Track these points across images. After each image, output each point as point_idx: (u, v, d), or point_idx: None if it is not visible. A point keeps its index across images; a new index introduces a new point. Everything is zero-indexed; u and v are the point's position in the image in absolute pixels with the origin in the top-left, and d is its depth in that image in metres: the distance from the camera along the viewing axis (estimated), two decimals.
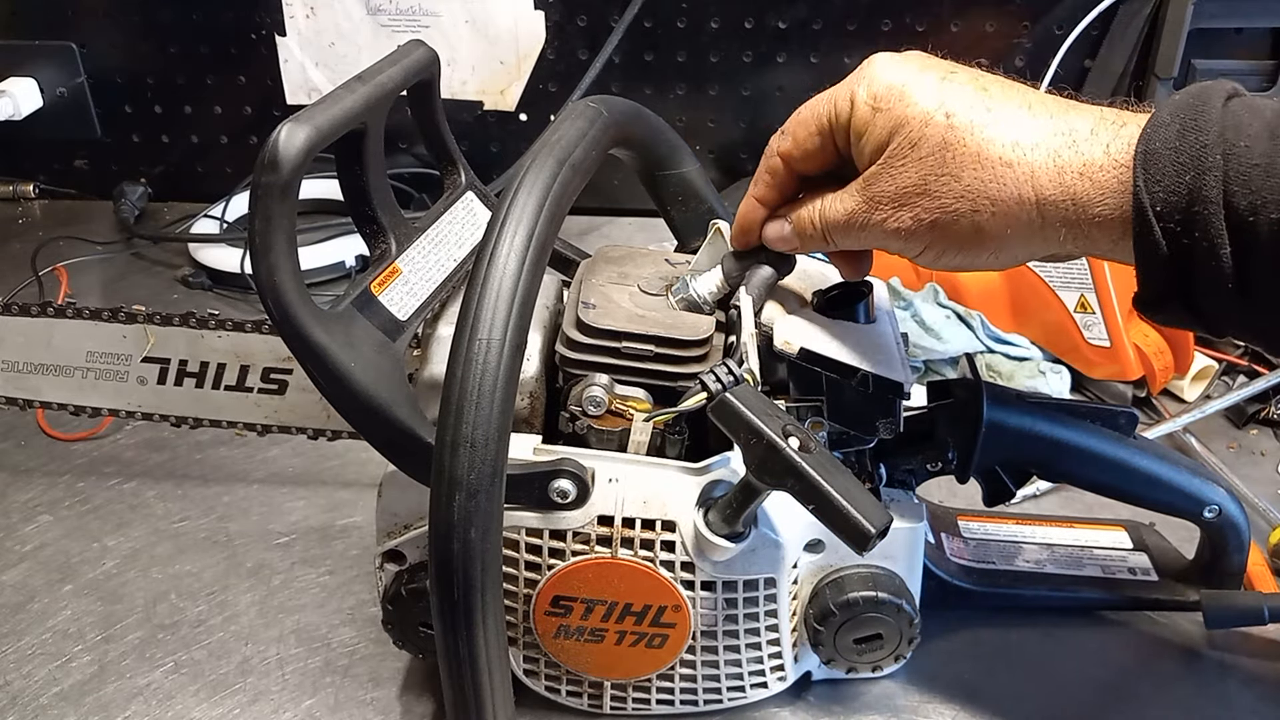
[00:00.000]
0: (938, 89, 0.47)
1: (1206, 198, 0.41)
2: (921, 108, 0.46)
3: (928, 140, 0.46)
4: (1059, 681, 0.62)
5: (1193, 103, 0.43)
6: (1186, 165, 0.41)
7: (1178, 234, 0.42)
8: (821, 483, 0.46)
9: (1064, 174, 0.44)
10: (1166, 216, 0.42)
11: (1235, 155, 0.41)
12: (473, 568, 0.43)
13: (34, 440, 0.85)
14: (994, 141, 0.45)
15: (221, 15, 1.18)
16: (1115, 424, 0.61)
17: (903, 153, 0.47)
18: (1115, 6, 1.05)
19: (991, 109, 0.46)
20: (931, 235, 0.47)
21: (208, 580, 0.71)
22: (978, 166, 0.45)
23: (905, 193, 0.47)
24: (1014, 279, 0.88)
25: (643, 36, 1.13)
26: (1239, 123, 0.41)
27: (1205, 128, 0.41)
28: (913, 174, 0.46)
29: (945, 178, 0.45)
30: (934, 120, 0.46)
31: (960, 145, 0.45)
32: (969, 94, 0.46)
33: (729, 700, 0.59)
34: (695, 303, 0.56)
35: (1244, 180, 0.40)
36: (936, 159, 0.46)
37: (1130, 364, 0.84)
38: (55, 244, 1.12)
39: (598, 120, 0.53)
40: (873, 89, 0.48)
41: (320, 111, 0.49)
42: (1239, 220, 0.40)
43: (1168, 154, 0.42)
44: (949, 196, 0.46)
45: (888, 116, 0.47)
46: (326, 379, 0.50)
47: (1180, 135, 0.42)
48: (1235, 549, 0.64)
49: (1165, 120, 0.42)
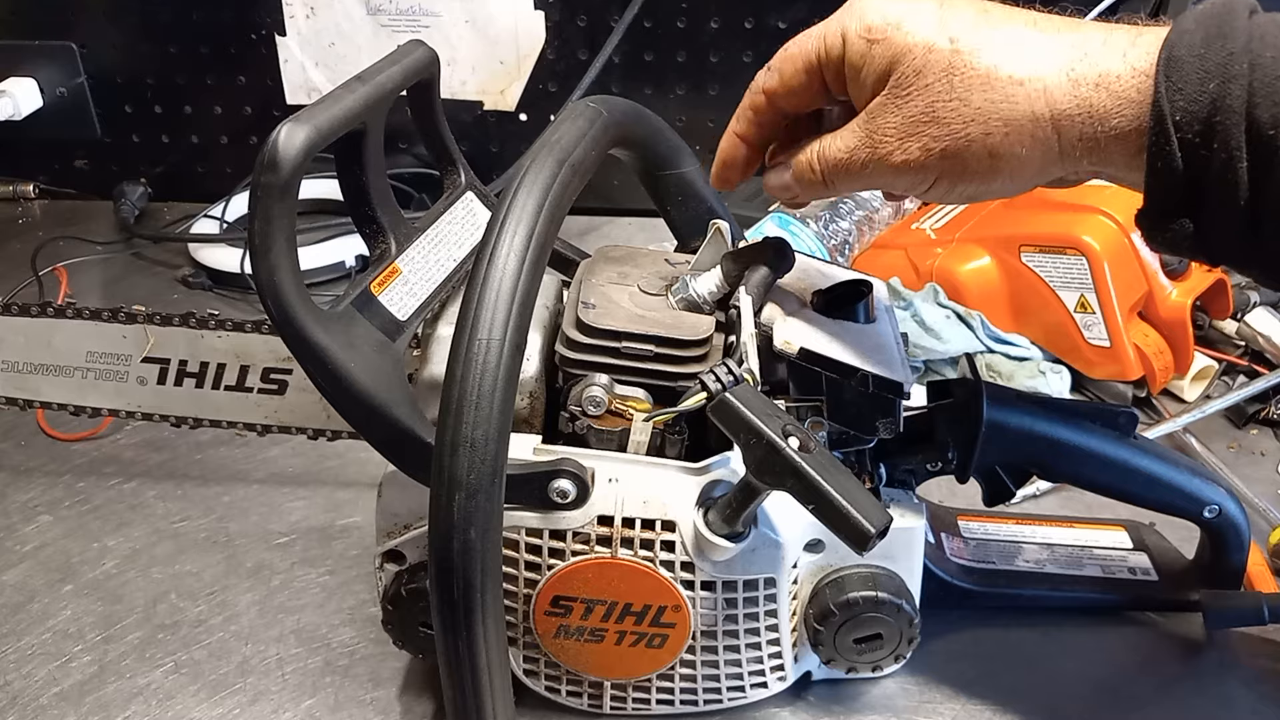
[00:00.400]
0: (936, 14, 0.45)
1: (1230, 107, 0.39)
2: (923, 34, 0.45)
3: (932, 66, 0.44)
4: (1059, 681, 0.62)
5: (1219, 12, 0.41)
6: (1212, 72, 0.40)
7: (1195, 145, 0.40)
8: (821, 483, 0.46)
9: (1079, 86, 0.42)
10: (1185, 126, 0.40)
11: (1261, 66, 0.39)
12: (473, 568, 0.43)
13: (34, 440, 0.85)
14: (1003, 60, 0.43)
15: (221, 15, 1.18)
16: (1115, 424, 0.61)
17: (907, 82, 0.45)
18: (1115, 6, 1.04)
19: (997, 28, 0.44)
20: (943, 165, 0.45)
21: (208, 580, 0.71)
22: (988, 87, 0.44)
23: (912, 122, 0.45)
24: (1014, 279, 0.88)
25: (643, 36, 1.14)
26: (1265, 33, 0.40)
27: (1232, 35, 0.40)
28: (919, 102, 0.45)
29: (954, 102, 0.44)
30: (937, 46, 0.44)
31: (967, 68, 0.44)
32: (970, 16, 0.45)
33: (729, 700, 0.59)
34: (695, 303, 0.56)
35: (1269, 92, 0.39)
36: (944, 84, 0.44)
37: (1130, 364, 0.84)
38: (55, 244, 1.12)
39: (598, 120, 0.53)
40: (865, 20, 0.46)
41: (320, 111, 0.49)
42: (1259, 134, 0.39)
43: (1192, 61, 0.40)
44: (959, 121, 0.44)
45: (886, 47, 0.45)
46: (326, 379, 0.50)
47: (1206, 42, 0.40)
48: (1235, 549, 0.64)
49: (1190, 27, 0.41)
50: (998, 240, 0.88)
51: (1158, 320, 0.87)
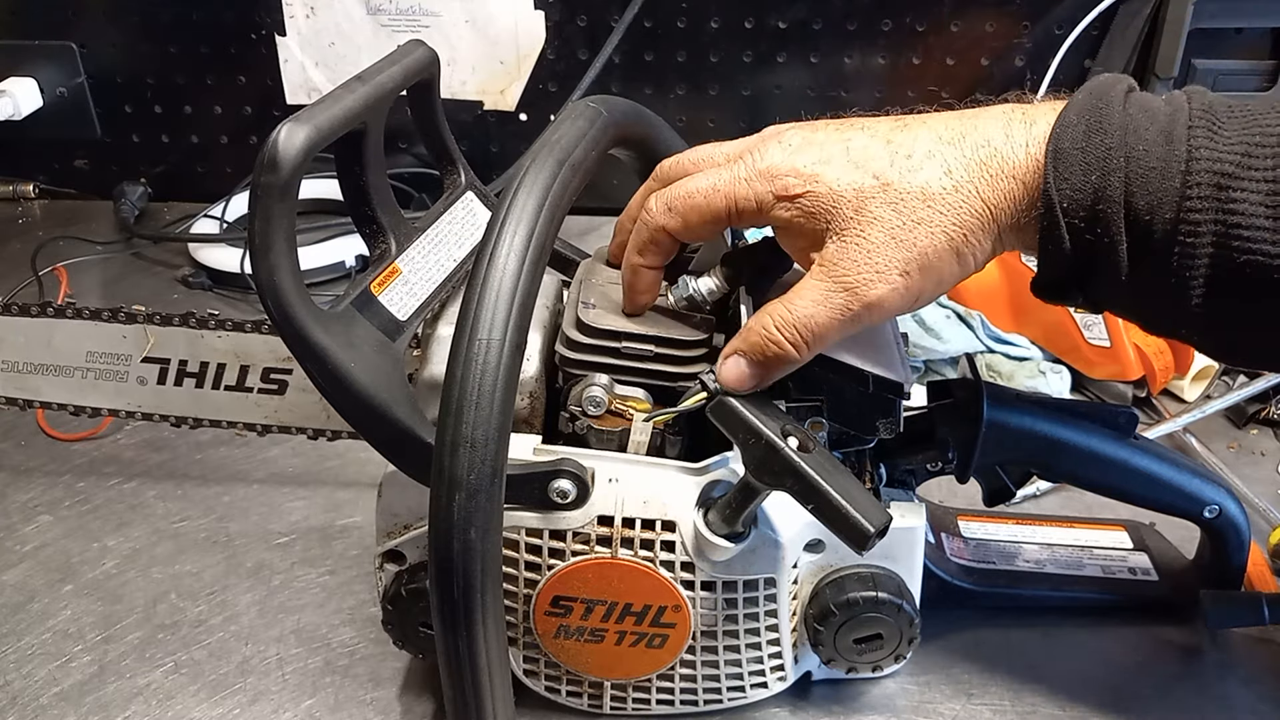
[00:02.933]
0: (846, 158, 0.47)
1: (1110, 197, 0.43)
2: (846, 180, 0.47)
3: (870, 202, 0.46)
4: (1059, 681, 0.62)
5: (1096, 103, 0.45)
6: (1093, 165, 0.44)
7: (1081, 229, 0.44)
8: (821, 483, 0.46)
9: (998, 180, 0.46)
10: (1072, 213, 0.44)
11: (1135, 158, 0.43)
12: (473, 568, 0.43)
13: (34, 440, 0.85)
14: (930, 177, 0.46)
15: (221, 15, 1.18)
16: (1115, 424, 0.61)
17: (852, 222, 0.47)
18: (1115, 6, 1.05)
19: (910, 154, 0.47)
20: (923, 280, 0.47)
21: (208, 580, 0.71)
22: (930, 202, 0.46)
23: (878, 251, 0.46)
24: (1014, 279, 0.88)
25: (643, 36, 1.14)
26: (1137, 125, 0.44)
27: (1109, 129, 0.44)
28: (876, 235, 0.46)
29: (908, 224, 0.46)
30: (865, 185, 0.47)
31: (904, 193, 0.46)
32: (879, 151, 0.47)
33: (729, 700, 0.59)
34: (695, 303, 0.56)
35: (1143, 182, 0.43)
36: (890, 212, 0.46)
37: (1130, 364, 0.84)
38: (55, 244, 1.12)
39: (598, 120, 0.53)
40: (780, 183, 0.48)
41: (320, 111, 0.49)
42: (1137, 219, 0.43)
43: (1076, 154, 0.44)
44: (922, 237, 0.46)
45: (812, 200, 0.47)
46: (326, 379, 0.50)
47: (1087, 136, 0.44)
48: (1235, 549, 0.64)
49: (1072, 120, 0.45)
50: None
51: None
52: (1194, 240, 0.42)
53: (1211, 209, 0.42)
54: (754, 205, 0.49)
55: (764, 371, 0.49)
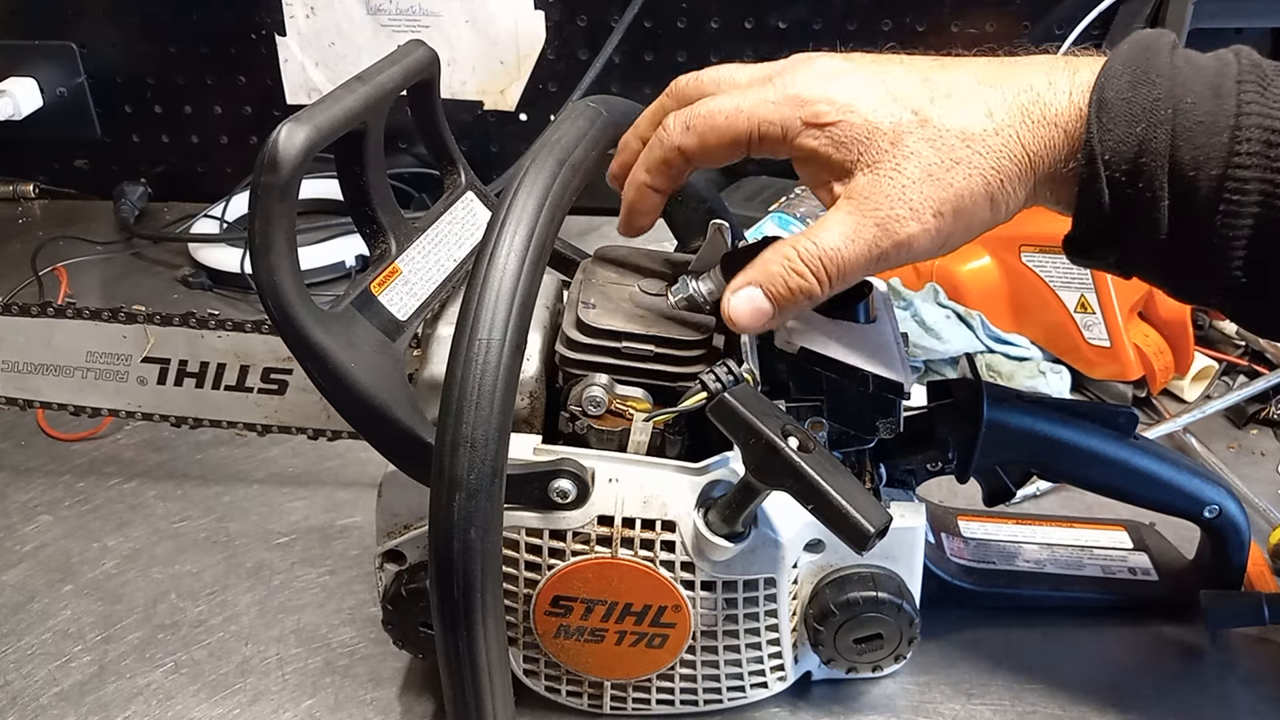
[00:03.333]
0: (884, 91, 0.45)
1: (1156, 150, 0.42)
2: (883, 112, 0.45)
3: (906, 137, 0.44)
4: (1059, 681, 0.62)
5: (1142, 53, 0.43)
6: (1138, 116, 0.42)
7: (1122, 183, 0.43)
8: (821, 483, 0.46)
9: (1039, 126, 0.44)
10: (1113, 165, 0.42)
11: (1183, 111, 0.42)
12: (473, 568, 0.43)
13: (34, 440, 0.85)
14: (971, 118, 0.44)
15: (221, 15, 1.18)
16: (1115, 424, 0.61)
17: (886, 156, 0.45)
18: (1115, 6, 1.05)
19: (950, 93, 0.45)
20: (955, 222, 0.45)
21: (208, 580, 0.71)
22: (969, 142, 0.44)
23: (914, 188, 0.44)
24: (1014, 279, 0.88)
25: (643, 36, 1.14)
26: (1185, 78, 0.42)
27: (1156, 80, 0.42)
28: (912, 170, 0.44)
29: (946, 162, 0.44)
30: (903, 120, 0.45)
31: (943, 130, 0.44)
32: (917, 87, 0.45)
33: (729, 700, 0.59)
34: (695, 303, 0.56)
35: (1190, 136, 0.41)
36: (928, 148, 0.44)
37: (1130, 364, 0.84)
38: (55, 244, 1.12)
39: (598, 120, 0.53)
40: (811, 108, 0.46)
41: (320, 111, 0.49)
42: (1181, 174, 0.42)
43: (1120, 104, 0.42)
44: (959, 177, 0.44)
45: (845, 130, 0.45)
46: (326, 379, 0.50)
47: (1133, 86, 0.42)
48: (1235, 549, 0.64)
49: (1118, 70, 0.43)
50: (998, 240, 0.88)
51: (1158, 320, 0.87)
52: (1240, 199, 0.41)
53: (1260, 165, 0.40)
54: (779, 130, 0.46)
55: (781, 306, 0.47)
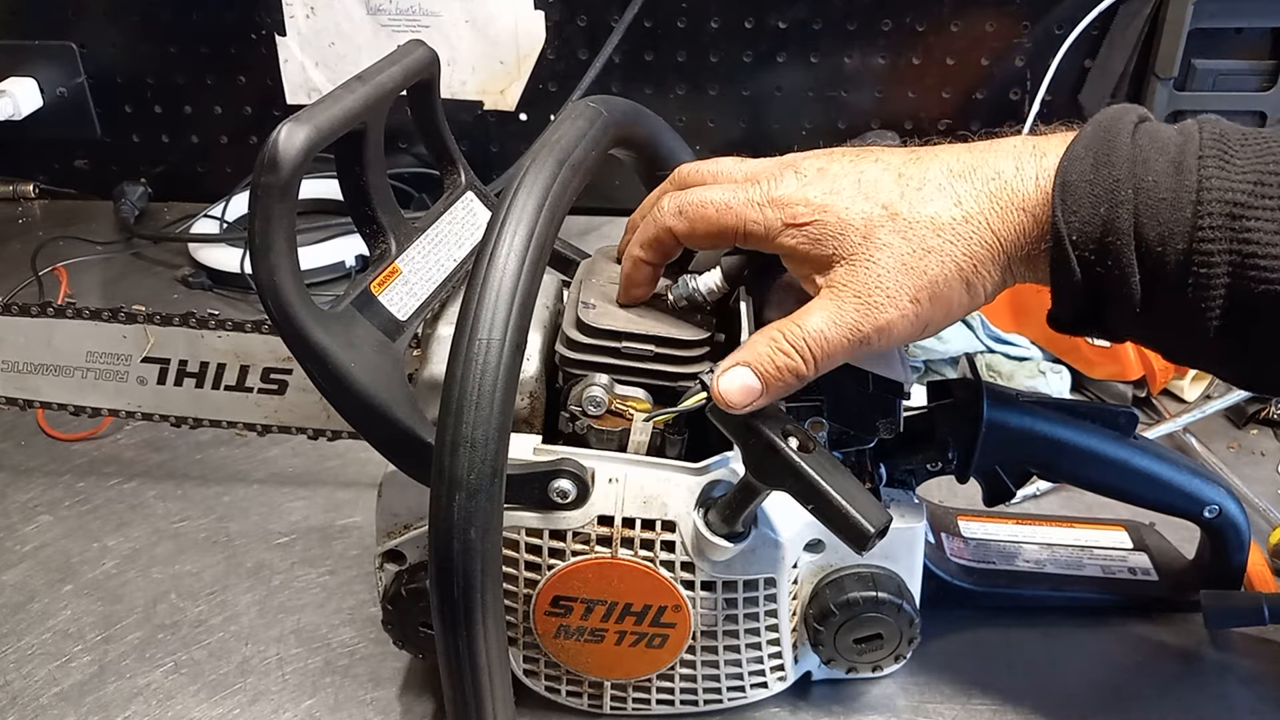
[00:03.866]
0: (857, 189, 0.47)
1: (1120, 229, 0.43)
2: (855, 209, 0.47)
3: (878, 230, 0.46)
4: (1059, 681, 0.62)
5: (1103, 136, 0.45)
6: (1101, 198, 0.44)
7: (1091, 262, 0.44)
8: (820, 483, 0.46)
9: (1007, 212, 0.46)
10: (1081, 245, 0.44)
11: (1145, 189, 0.43)
12: (473, 568, 0.43)
13: (34, 440, 0.85)
14: (940, 208, 0.46)
15: (221, 15, 1.18)
16: (1115, 424, 0.61)
17: (861, 248, 0.46)
18: (1115, 6, 1.04)
19: (920, 186, 0.47)
20: (933, 309, 0.47)
21: (208, 580, 0.71)
22: (940, 231, 0.46)
23: (889, 277, 0.46)
24: None
25: (643, 36, 1.13)
26: (1146, 157, 0.44)
27: (1116, 162, 0.44)
28: (886, 261, 0.46)
29: (918, 252, 0.46)
30: (873, 214, 0.46)
31: (914, 222, 0.46)
32: (889, 184, 0.47)
33: (729, 700, 0.59)
34: (695, 302, 0.56)
35: (1153, 213, 0.43)
36: (900, 240, 0.46)
37: (1130, 364, 0.84)
38: (55, 244, 1.12)
39: (598, 120, 0.53)
40: (790, 211, 0.48)
41: (320, 111, 0.49)
42: (1149, 250, 0.43)
43: (1083, 186, 0.44)
44: (933, 266, 0.46)
45: (820, 229, 0.47)
46: (326, 379, 0.50)
47: (1094, 169, 0.44)
48: (1235, 549, 0.64)
49: (1080, 154, 0.45)
50: None
51: None
52: (1208, 271, 0.42)
53: (1225, 239, 0.42)
54: (762, 230, 0.49)
55: (769, 386, 0.48)
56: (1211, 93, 1.04)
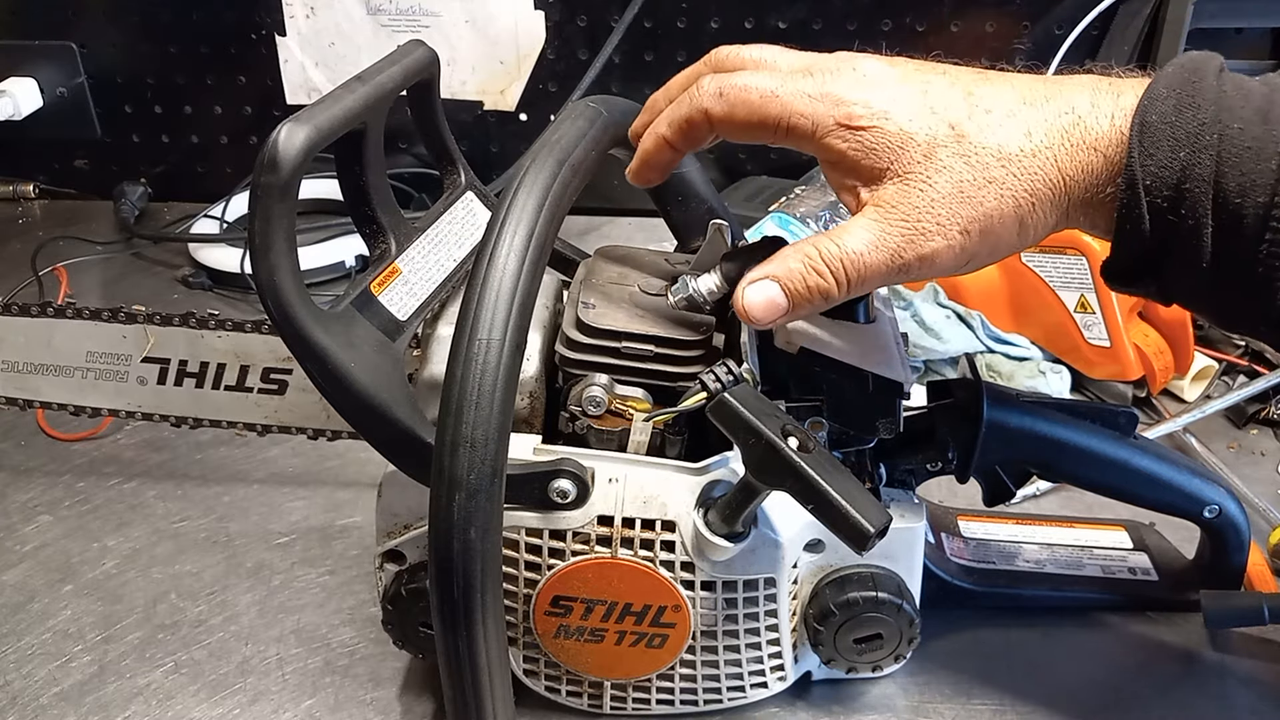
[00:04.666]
0: (923, 101, 0.44)
1: (1199, 175, 0.41)
2: (920, 123, 0.44)
3: (941, 150, 0.44)
4: (1059, 681, 0.62)
5: (1188, 77, 0.42)
6: (1182, 141, 0.41)
7: (1163, 209, 0.42)
8: (820, 483, 0.46)
9: (1078, 150, 0.43)
10: (1155, 190, 0.41)
11: (1229, 136, 0.41)
12: (473, 568, 0.43)
13: (34, 440, 0.85)
14: (1009, 137, 0.43)
15: (221, 15, 1.18)
16: (1115, 424, 0.61)
17: (919, 167, 0.44)
18: (1115, 6, 1.05)
19: (990, 109, 0.44)
20: (981, 242, 0.44)
21: (208, 580, 0.71)
22: (1005, 162, 0.43)
23: (943, 203, 0.43)
24: (1014, 279, 0.88)
25: (643, 36, 1.14)
26: (1232, 104, 0.41)
27: (1201, 105, 0.41)
28: (943, 185, 0.43)
29: (979, 181, 0.43)
30: (939, 133, 0.44)
31: (979, 148, 0.43)
32: (958, 101, 0.44)
33: (729, 700, 0.59)
34: (695, 303, 0.56)
35: (1236, 162, 0.40)
36: (962, 165, 0.43)
37: (1130, 364, 0.84)
38: (55, 244, 1.12)
39: (598, 120, 0.53)
40: (845, 109, 0.45)
41: (320, 111, 0.49)
42: (1226, 201, 0.41)
43: (1164, 128, 0.41)
44: (991, 198, 0.43)
45: (877, 136, 0.44)
46: (326, 379, 0.50)
47: (1177, 110, 0.41)
48: (1235, 549, 0.64)
49: (1162, 93, 0.42)
50: None
51: (1158, 320, 0.87)
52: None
53: None
54: (809, 125, 0.45)
55: (796, 304, 0.46)
56: None
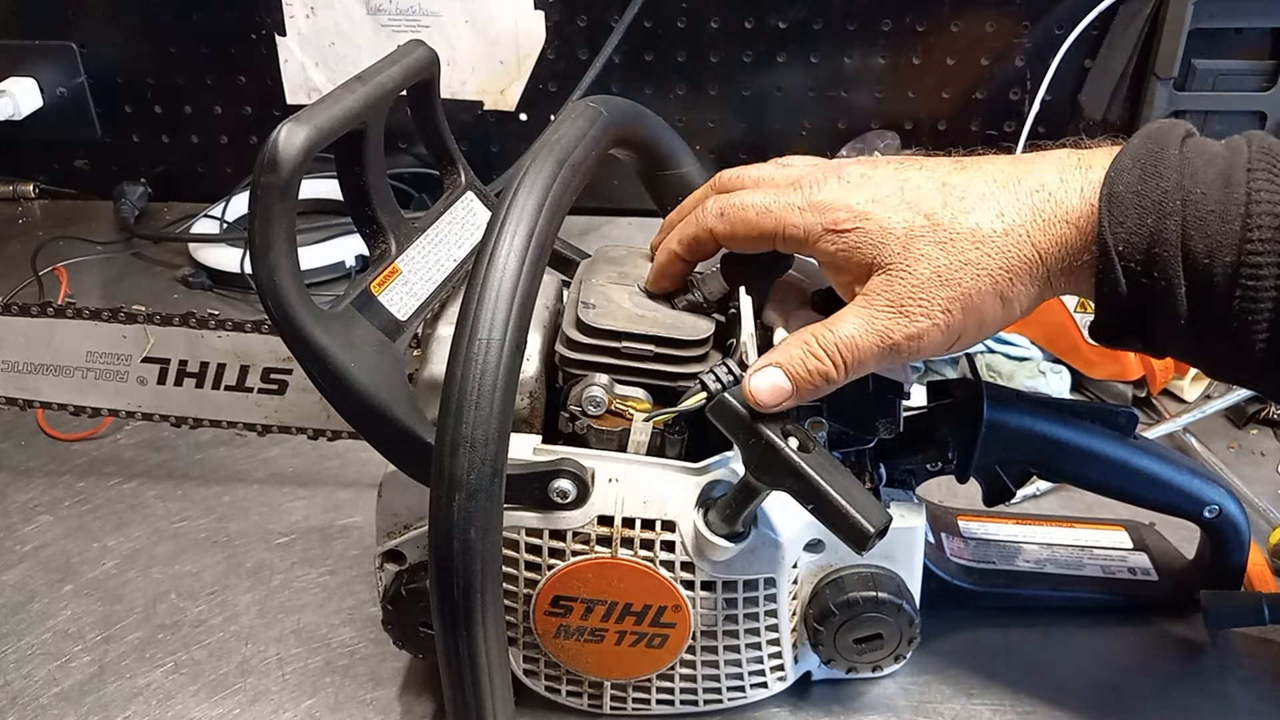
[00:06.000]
0: (900, 198, 0.47)
1: (1167, 240, 0.43)
2: (897, 218, 0.47)
3: (918, 240, 0.46)
4: (1059, 681, 0.62)
5: (1152, 147, 0.45)
6: (1149, 209, 0.44)
7: (1137, 273, 0.44)
8: (820, 482, 0.46)
9: (1051, 225, 0.46)
10: (1127, 256, 0.44)
11: (1193, 201, 0.43)
12: (473, 567, 0.43)
13: (34, 440, 0.85)
14: (982, 220, 0.46)
15: (221, 15, 1.18)
16: (1115, 424, 0.61)
17: (899, 258, 0.47)
18: (1115, 6, 1.05)
19: (964, 196, 0.47)
20: (965, 320, 0.47)
21: (208, 580, 0.71)
22: (979, 244, 0.46)
23: (925, 287, 0.46)
24: None
25: (643, 36, 1.13)
26: (1195, 169, 0.44)
27: (1165, 174, 0.44)
28: (923, 271, 0.46)
29: (956, 263, 0.46)
30: (915, 224, 0.47)
31: (954, 234, 0.46)
32: (931, 193, 0.47)
33: (729, 700, 0.59)
34: (695, 303, 0.56)
35: (1201, 225, 0.43)
36: (939, 251, 0.46)
37: (1130, 364, 0.84)
38: (55, 244, 1.12)
39: (598, 120, 0.53)
40: (831, 216, 0.48)
41: (320, 111, 0.49)
42: (1195, 262, 0.43)
43: (1131, 198, 0.44)
44: (968, 278, 0.46)
45: (861, 236, 0.47)
46: (326, 379, 0.50)
47: (1142, 180, 0.44)
48: (1235, 549, 0.64)
49: (1128, 165, 0.45)
50: None
51: None
52: (1256, 284, 0.42)
53: (1274, 251, 0.42)
54: (801, 234, 0.49)
55: (800, 387, 0.48)
56: (1211, 93, 1.04)
